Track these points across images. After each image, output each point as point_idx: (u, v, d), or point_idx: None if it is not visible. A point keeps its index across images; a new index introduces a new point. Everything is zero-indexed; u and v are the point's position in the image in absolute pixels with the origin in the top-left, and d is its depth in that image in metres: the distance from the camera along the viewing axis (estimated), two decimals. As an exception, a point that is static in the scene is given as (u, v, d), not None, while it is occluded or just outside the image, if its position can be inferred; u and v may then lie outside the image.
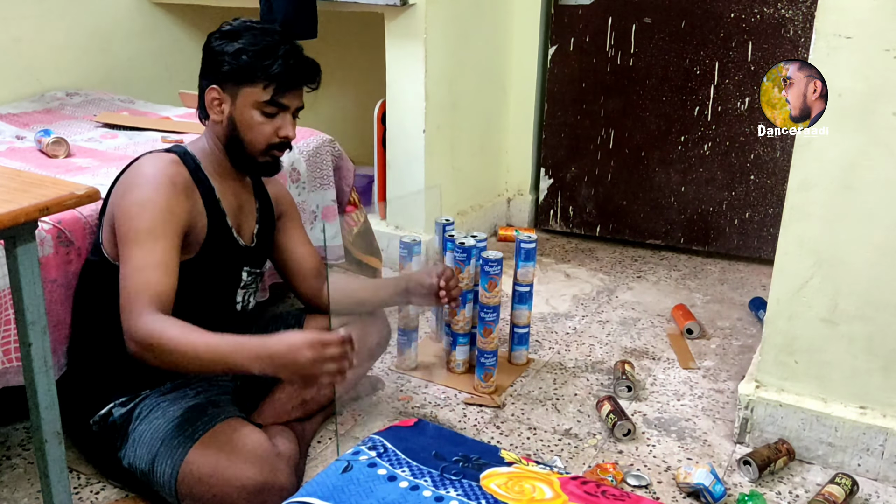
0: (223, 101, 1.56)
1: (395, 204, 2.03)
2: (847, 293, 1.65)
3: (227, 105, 1.56)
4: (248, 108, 1.56)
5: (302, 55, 1.60)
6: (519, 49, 3.06)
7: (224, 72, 1.54)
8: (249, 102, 1.55)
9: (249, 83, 1.54)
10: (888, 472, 1.68)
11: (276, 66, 1.53)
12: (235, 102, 1.56)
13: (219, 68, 1.54)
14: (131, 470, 1.52)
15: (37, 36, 2.68)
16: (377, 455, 1.33)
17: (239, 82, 1.54)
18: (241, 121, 1.56)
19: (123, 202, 1.48)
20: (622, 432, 1.82)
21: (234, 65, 1.53)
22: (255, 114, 1.56)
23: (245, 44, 1.53)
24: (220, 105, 1.57)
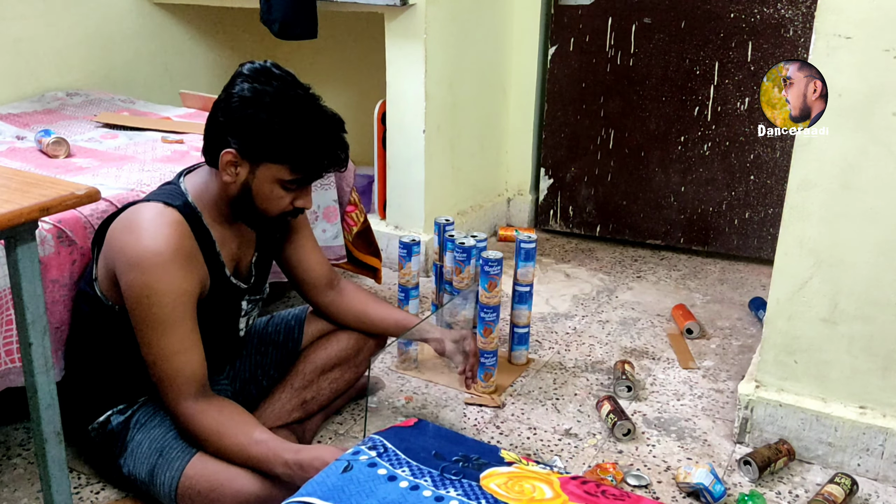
0: (239, 166, 1.44)
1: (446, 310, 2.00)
2: (847, 293, 1.65)
3: (243, 171, 1.44)
4: (267, 182, 1.44)
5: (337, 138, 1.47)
6: (519, 49, 3.07)
7: (252, 143, 1.41)
8: (271, 178, 1.44)
9: (276, 161, 1.42)
10: (888, 472, 1.68)
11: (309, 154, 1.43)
12: (255, 173, 1.44)
13: (242, 136, 1.41)
14: (131, 478, 1.52)
15: (37, 36, 2.68)
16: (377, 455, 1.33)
17: (263, 159, 1.42)
18: (258, 191, 1.45)
19: (132, 280, 1.38)
20: (622, 432, 1.82)
21: (262, 142, 1.40)
22: (275, 188, 1.45)
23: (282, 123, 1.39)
24: (235, 168, 1.44)
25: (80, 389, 1.58)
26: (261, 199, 1.47)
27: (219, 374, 1.70)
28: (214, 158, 1.45)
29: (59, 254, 1.59)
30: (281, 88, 1.42)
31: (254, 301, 1.67)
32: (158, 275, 1.37)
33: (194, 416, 1.43)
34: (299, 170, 1.44)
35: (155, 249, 1.38)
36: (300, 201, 1.50)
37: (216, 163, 1.45)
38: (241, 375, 1.76)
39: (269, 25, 2.58)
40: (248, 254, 1.62)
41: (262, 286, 1.68)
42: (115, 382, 1.55)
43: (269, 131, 1.40)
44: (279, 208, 1.49)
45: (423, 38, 2.54)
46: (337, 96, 3.61)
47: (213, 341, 1.59)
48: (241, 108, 1.40)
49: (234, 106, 1.41)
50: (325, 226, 2.32)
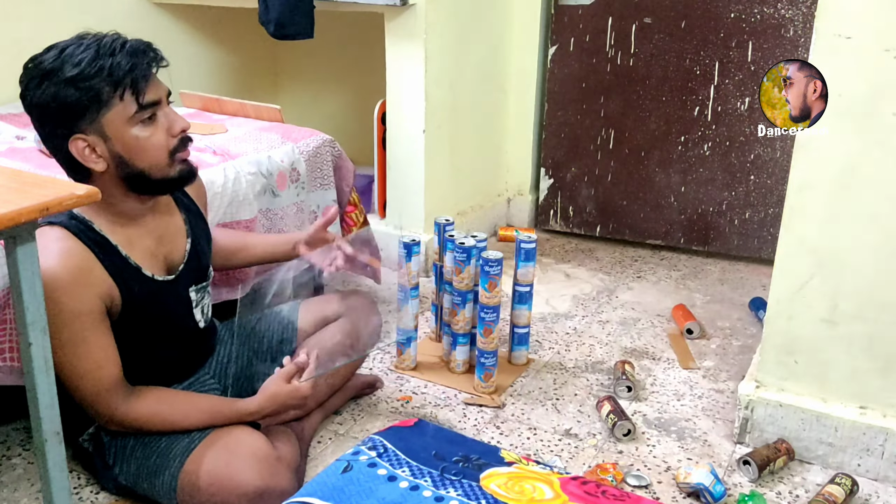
0: (94, 145, 1.36)
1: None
2: (847, 293, 1.65)
3: (101, 146, 1.36)
4: (124, 131, 1.36)
5: (124, 39, 1.37)
6: (519, 49, 3.06)
7: (73, 113, 1.33)
8: (122, 124, 1.36)
9: (106, 106, 1.34)
10: (888, 472, 1.68)
11: (115, 67, 1.33)
12: (107, 135, 1.36)
13: (64, 115, 1.33)
14: (129, 486, 1.51)
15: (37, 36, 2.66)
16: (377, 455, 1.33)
17: (96, 114, 1.34)
18: (129, 149, 1.37)
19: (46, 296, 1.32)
20: (622, 432, 1.82)
21: (77, 98, 1.32)
22: (135, 131, 1.37)
23: (71, 69, 1.32)
24: (94, 150, 1.36)
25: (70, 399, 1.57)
26: (139, 155, 1.38)
27: (197, 373, 1.68)
28: (77, 166, 1.39)
29: (58, 254, 1.59)
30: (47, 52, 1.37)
31: (201, 289, 1.62)
32: (52, 301, 1.31)
33: (132, 413, 1.44)
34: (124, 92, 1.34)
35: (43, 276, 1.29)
36: (174, 127, 1.41)
37: (82, 169, 1.39)
38: (234, 374, 1.74)
39: (265, 25, 2.58)
40: (178, 245, 1.57)
41: (204, 272, 1.63)
42: None
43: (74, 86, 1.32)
44: (161, 148, 1.40)
45: (423, 38, 2.54)
46: (337, 96, 3.62)
47: (174, 341, 1.59)
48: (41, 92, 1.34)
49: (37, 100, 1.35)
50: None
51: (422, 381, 2.07)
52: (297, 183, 2.21)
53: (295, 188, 2.21)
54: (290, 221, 2.19)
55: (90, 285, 1.38)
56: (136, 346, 1.50)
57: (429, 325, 2.34)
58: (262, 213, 2.11)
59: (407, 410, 1.93)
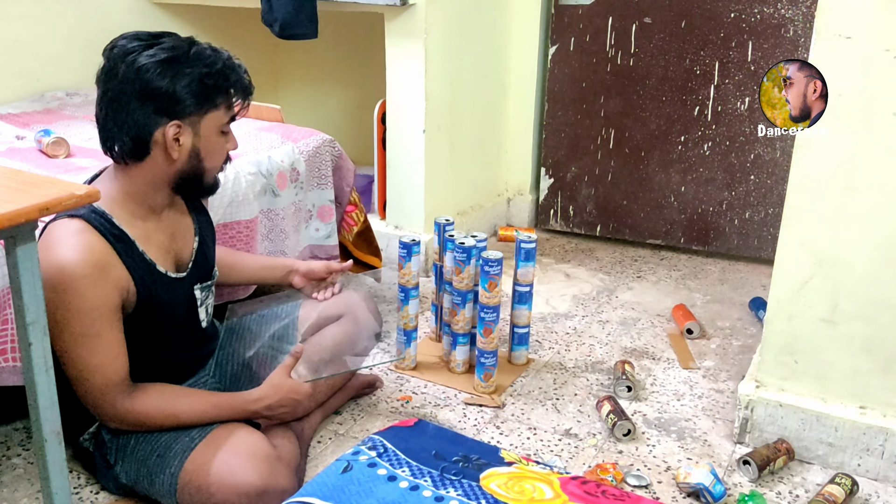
0: (183, 135, 1.43)
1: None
2: (847, 293, 1.65)
3: (188, 138, 1.44)
4: (212, 134, 1.47)
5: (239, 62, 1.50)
6: (519, 49, 3.06)
7: (190, 104, 1.41)
8: (214, 128, 1.47)
9: (214, 109, 1.45)
10: (888, 472, 1.68)
11: (234, 84, 1.46)
12: (199, 132, 1.45)
13: (182, 102, 1.40)
14: (129, 485, 1.52)
15: (37, 36, 2.68)
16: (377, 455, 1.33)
17: (205, 111, 1.44)
18: (206, 149, 1.47)
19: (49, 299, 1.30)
20: (622, 432, 1.82)
21: (202, 95, 1.41)
22: (218, 138, 1.49)
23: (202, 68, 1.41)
24: (179, 142, 1.43)
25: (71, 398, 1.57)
26: (209, 157, 1.49)
27: (198, 374, 1.68)
28: (145, 147, 1.42)
29: (58, 254, 1.59)
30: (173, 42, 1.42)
31: (206, 288, 1.65)
32: (69, 293, 1.35)
33: (136, 408, 1.45)
34: (230, 105, 1.48)
35: (62, 268, 1.34)
36: (231, 144, 1.54)
37: (145, 152, 1.42)
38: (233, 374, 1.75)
39: (269, 25, 2.58)
40: (187, 243, 1.60)
41: (209, 270, 1.66)
42: None
43: (202, 84, 1.41)
44: (222, 158, 1.53)
45: (423, 38, 2.54)
46: (337, 96, 3.62)
47: (179, 339, 1.60)
48: (163, 76, 1.38)
49: (155, 79, 1.38)
50: (318, 224, 2.32)
51: (422, 381, 2.07)
52: (296, 182, 2.21)
53: (294, 187, 2.21)
54: (289, 221, 2.19)
55: (109, 280, 1.40)
56: (143, 343, 1.50)
57: (429, 325, 2.34)
58: (263, 213, 2.11)
59: (407, 410, 1.93)
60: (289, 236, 2.19)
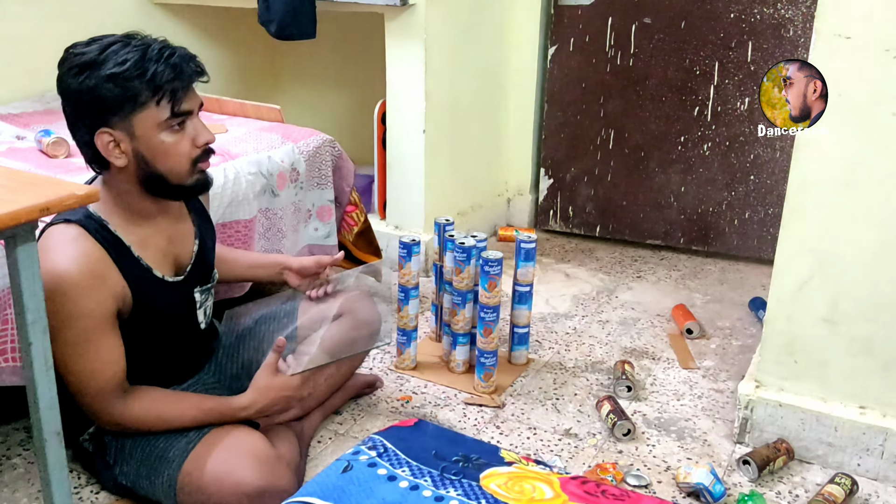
0: (119, 141, 1.37)
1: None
2: (847, 293, 1.65)
3: (125, 143, 1.38)
4: (152, 134, 1.38)
5: (173, 49, 1.39)
6: (519, 49, 3.06)
7: (106, 108, 1.35)
8: (151, 128, 1.38)
9: (140, 108, 1.36)
10: (888, 472, 1.68)
11: (159, 75, 1.35)
12: (135, 135, 1.38)
13: (97, 107, 1.35)
14: (129, 485, 1.51)
15: (37, 36, 2.68)
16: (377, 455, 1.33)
17: (128, 112, 1.36)
18: (151, 151, 1.39)
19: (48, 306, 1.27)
20: (622, 432, 1.82)
21: (114, 95, 1.34)
22: (163, 136, 1.39)
23: (113, 67, 1.33)
24: (118, 146, 1.38)
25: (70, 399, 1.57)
26: (161, 158, 1.40)
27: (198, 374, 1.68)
28: (99, 158, 1.40)
29: (58, 254, 1.59)
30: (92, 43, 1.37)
31: (206, 290, 1.64)
32: (64, 300, 1.34)
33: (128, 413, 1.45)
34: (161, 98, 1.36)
35: (58, 275, 1.33)
36: (200, 138, 1.43)
37: (103, 161, 1.40)
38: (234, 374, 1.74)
39: (266, 26, 2.58)
40: (186, 247, 1.58)
41: (209, 273, 1.65)
42: None
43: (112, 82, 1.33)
44: (184, 156, 1.42)
45: (423, 38, 2.54)
46: (337, 96, 3.62)
47: (178, 341, 1.60)
48: (78, 83, 1.34)
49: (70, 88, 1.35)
50: (317, 224, 2.32)
51: (422, 380, 2.07)
52: (295, 182, 2.21)
53: (293, 187, 2.21)
54: (287, 221, 2.19)
55: (105, 287, 1.39)
56: (140, 346, 1.50)
57: (429, 325, 2.34)
58: (262, 213, 2.11)
59: (407, 410, 1.93)
60: (286, 235, 2.19)
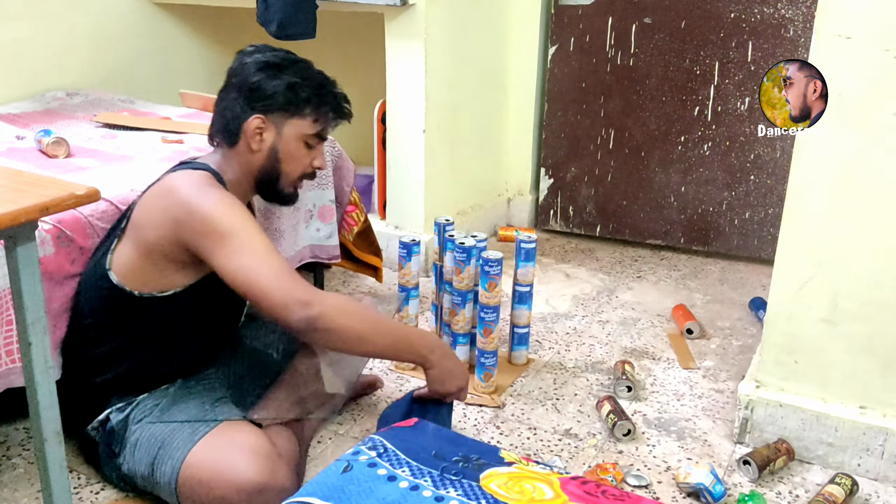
0: (266, 130, 1.57)
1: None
2: (847, 293, 1.65)
3: (269, 134, 1.58)
4: (293, 139, 1.59)
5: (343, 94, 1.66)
6: (519, 49, 3.06)
7: (276, 103, 1.56)
8: (296, 134, 1.59)
9: (299, 116, 1.58)
10: (888, 472, 1.68)
11: (329, 104, 1.60)
12: (281, 133, 1.58)
13: (269, 99, 1.55)
14: (131, 475, 1.52)
15: (37, 36, 2.68)
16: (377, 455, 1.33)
17: (290, 114, 1.57)
18: (285, 151, 1.59)
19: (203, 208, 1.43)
20: (622, 432, 1.82)
21: (289, 98, 1.56)
22: (299, 145, 1.60)
23: (298, 78, 1.57)
24: (262, 135, 1.57)
25: (78, 389, 1.58)
26: (287, 161, 1.60)
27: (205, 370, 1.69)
28: (236, 134, 1.57)
29: (58, 254, 1.59)
30: (287, 55, 1.61)
31: None
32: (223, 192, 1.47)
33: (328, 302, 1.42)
34: (320, 119, 1.60)
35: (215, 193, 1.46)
36: (318, 161, 1.64)
37: (236, 139, 1.57)
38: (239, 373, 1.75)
39: (265, 25, 2.57)
40: None
41: None
42: (115, 379, 1.55)
43: (291, 86, 1.56)
44: (302, 168, 1.63)
45: (423, 38, 2.54)
46: (337, 96, 3.62)
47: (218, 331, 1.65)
48: (261, 74, 1.55)
49: (253, 75, 1.56)
50: (319, 225, 2.32)
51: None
52: (296, 183, 2.21)
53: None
54: (286, 221, 2.19)
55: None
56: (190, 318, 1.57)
57: (429, 325, 2.34)
58: (260, 213, 2.10)
59: (407, 410, 1.93)
60: (284, 236, 2.19)
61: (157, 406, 1.54)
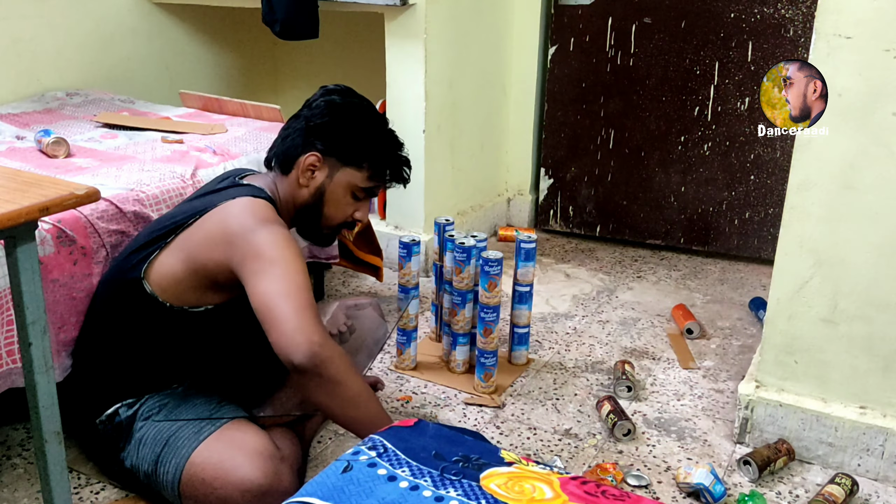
0: (318, 170, 1.58)
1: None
2: (847, 293, 1.65)
3: (321, 174, 1.59)
4: (342, 187, 1.59)
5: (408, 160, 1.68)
6: (519, 49, 3.06)
7: (337, 147, 1.57)
8: (347, 183, 1.60)
9: (356, 167, 1.59)
10: (888, 472, 1.68)
11: (389, 164, 1.62)
12: (333, 177, 1.59)
13: (332, 141, 1.57)
14: (133, 471, 1.52)
15: (37, 36, 2.68)
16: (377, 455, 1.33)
17: (348, 163, 1.58)
18: (332, 196, 1.60)
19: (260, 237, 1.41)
20: (622, 432, 1.82)
21: (351, 147, 1.57)
22: (347, 195, 1.61)
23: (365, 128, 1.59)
24: (314, 173, 1.58)
25: (89, 384, 1.58)
26: (331, 205, 1.60)
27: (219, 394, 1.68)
28: (290, 163, 1.59)
29: (59, 254, 1.59)
30: (366, 104, 1.63)
31: None
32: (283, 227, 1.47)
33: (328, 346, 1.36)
34: (375, 177, 1.61)
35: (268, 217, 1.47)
36: (360, 213, 1.64)
37: (290, 168, 1.59)
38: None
39: (270, 25, 2.58)
40: None
41: None
42: (126, 377, 1.56)
43: (357, 137, 1.57)
44: (343, 216, 1.63)
45: (423, 38, 2.54)
46: (337, 96, 3.62)
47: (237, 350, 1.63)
48: (332, 114, 1.57)
49: (325, 112, 1.58)
50: None
51: (422, 381, 2.07)
52: (297, 183, 2.21)
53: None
54: (289, 221, 2.19)
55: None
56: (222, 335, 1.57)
57: (429, 325, 2.34)
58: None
59: (407, 410, 1.93)
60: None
61: (165, 404, 1.54)
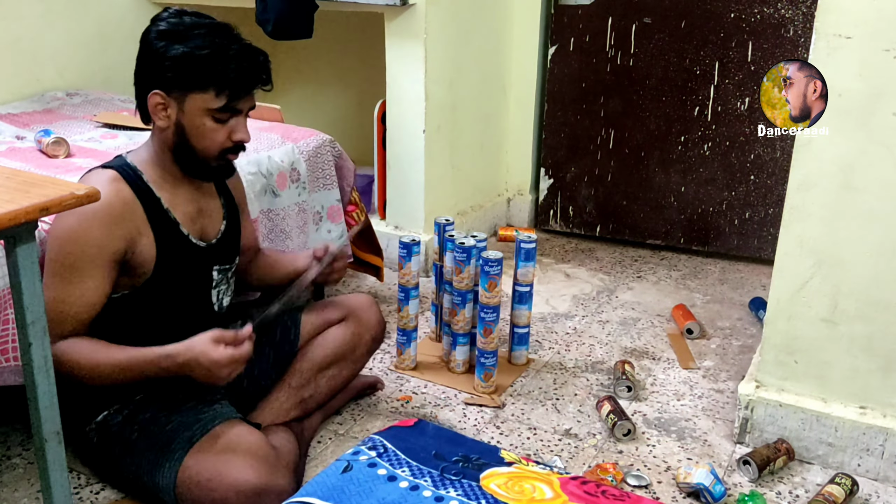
0: (168, 107, 1.46)
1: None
2: (847, 293, 1.65)
3: (172, 110, 1.46)
4: (197, 115, 1.46)
5: (255, 55, 1.49)
6: (519, 49, 3.06)
7: (169, 77, 1.43)
8: (199, 109, 1.45)
9: (199, 90, 1.44)
10: (888, 472, 1.68)
11: (229, 72, 1.43)
12: (183, 108, 1.46)
13: (163, 73, 1.43)
14: (130, 476, 1.52)
15: (37, 36, 2.68)
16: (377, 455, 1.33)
17: (187, 89, 1.44)
18: (191, 128, 1.47)
19: (55, 226, 1.42)
20: (622, 432, 1.82)
21: (181, 71, 1.42)
22: (206, 121, 1.46)
23: (193, 47, 1.42)
24: (165, 110, 1.46)
25: (76, 390, 1.57)
26: (196, 137, 1.48)
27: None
28: (146, 113, 1.49)
29: (58, 254, 1.59)
30: (191, 21, 1.47)
31: (223, 271, 1.64)
32: (78, 223, 1.40)
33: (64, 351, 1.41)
34: (222, 91, 1.44)
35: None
36: (237, 135, 1.50)
37: (149, 117, 1.49)
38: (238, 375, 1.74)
39: (262, 25, 2.57)
40: (214, 223, 1.63)
41: (231, 255, 1.67)
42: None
43: (186, 59, 1.42)
44: (217, 144, 1.49)
45: (423, 38, 2.54)
46: (337, 96, 3.62)
47: (187, 316, 1.59)
48: (157, 44, 1.44)
49: (151, 46, 1.45)
50: (329, 226, 2.32)
51: (422, 381, 2.07)
52: (297, 183, 2.21)
53: (296, 188, 2.21)
54: (291, 222, 2.19)
55: (120, 227, 1.44)
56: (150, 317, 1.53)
57: (429, 325, 2.34)
58: (263, 214, 2.11)
59: (407, 410, 1.93)
60: (290, 237, 2.19)
61: (156, 407, 1.53)
